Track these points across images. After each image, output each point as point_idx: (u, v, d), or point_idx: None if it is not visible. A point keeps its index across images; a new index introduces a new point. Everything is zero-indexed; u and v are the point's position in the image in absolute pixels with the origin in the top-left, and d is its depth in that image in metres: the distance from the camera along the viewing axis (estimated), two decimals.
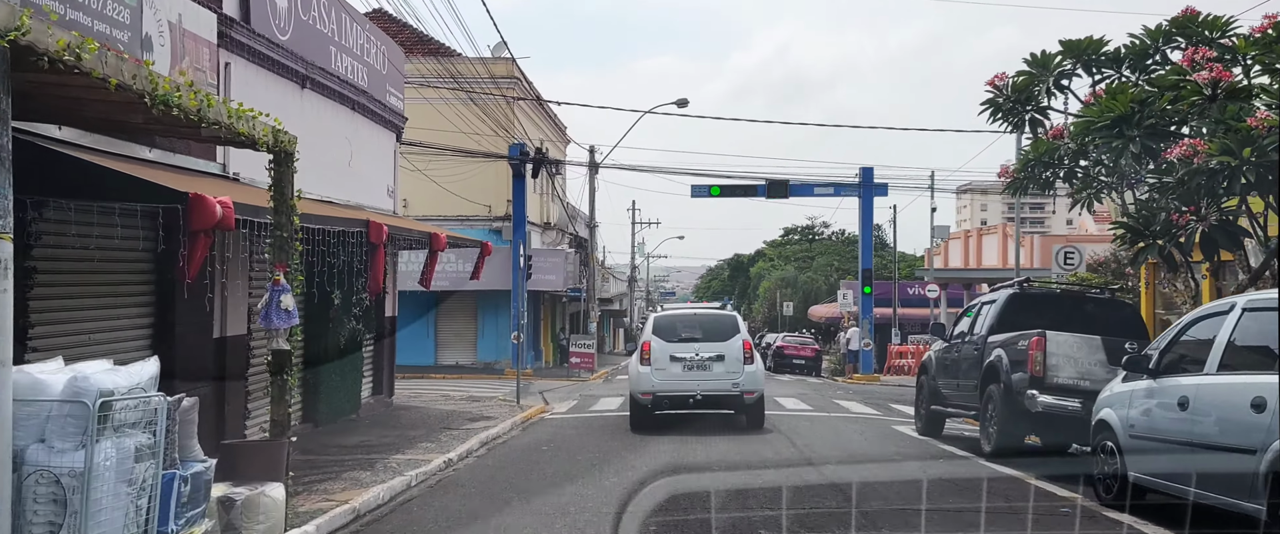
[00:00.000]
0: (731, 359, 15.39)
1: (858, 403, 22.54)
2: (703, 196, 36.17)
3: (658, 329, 15.97)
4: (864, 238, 35.44)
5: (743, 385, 15.38)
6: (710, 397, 15.44)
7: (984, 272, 39.27)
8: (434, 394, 23.65)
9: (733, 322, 16.31)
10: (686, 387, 15.39)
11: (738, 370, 15.39)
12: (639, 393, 15.64)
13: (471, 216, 34.77)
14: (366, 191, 17.56)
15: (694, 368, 15.37)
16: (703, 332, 15.79)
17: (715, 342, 15.53)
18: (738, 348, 15.51)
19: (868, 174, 35.33)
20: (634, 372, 15.97)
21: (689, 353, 15.43)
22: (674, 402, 15.66)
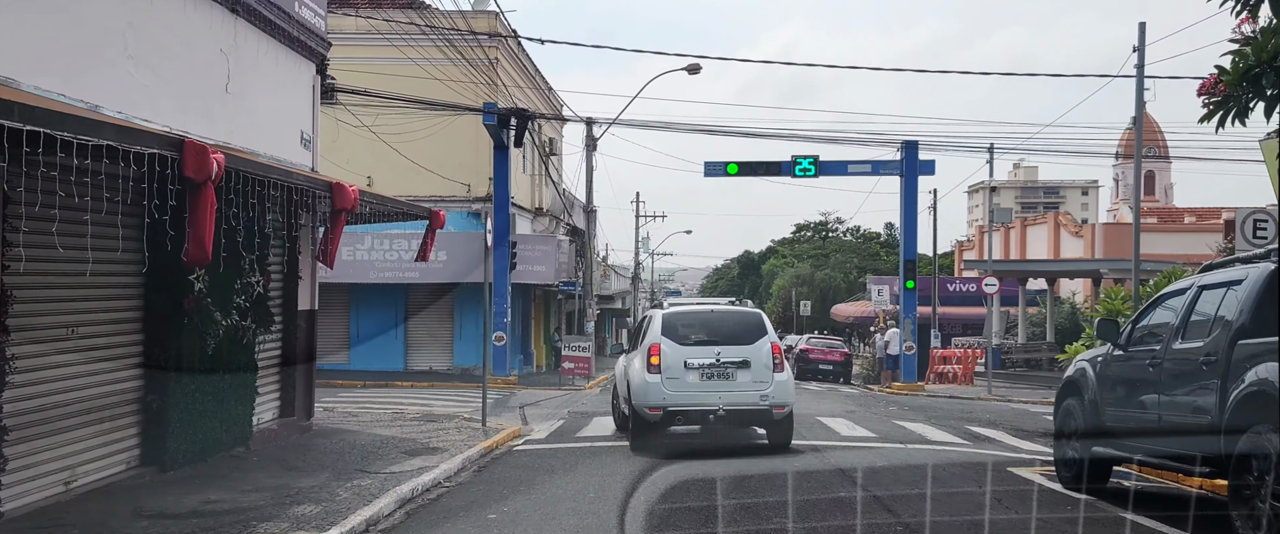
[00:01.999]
0: (758, 366, 12.79)
1: (925, 424, 17.49)
2: (717, 175, 31.16)
3: (668, 329, 13.08)
4: (907, 222, 30.38)
5: (773, 398, 12.76)
6: (734, 411, 12.74)
7: (1058, 263, 34.12)
8: (382, 411, 18.64)
9: (758, 320, 13.53)
10: (706, 400, 12.72)
11: (766, 380, 12.78)
12: (646, 407, 12.79)
13: (448, 197, 29.74)
14: (260, 133, 12.51)
15: (714, 376, 12.74)
16: (722, 333, 13.17)
17: (738, 345, 12.92)
18: (765, 352, 12.92)
19: (912, 150, 30.27)
20: (638, 380, 13.00)
21: (707, 358, 12.79)
22: (689, 418, 13.10)
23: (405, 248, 28.66)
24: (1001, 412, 21.45)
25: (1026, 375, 31.19)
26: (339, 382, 26.62)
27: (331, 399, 21.68)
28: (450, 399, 22.13)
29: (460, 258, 28.61)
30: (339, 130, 28.10)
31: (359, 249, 28.47)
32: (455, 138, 29.80)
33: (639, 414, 12.92)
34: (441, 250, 28.72)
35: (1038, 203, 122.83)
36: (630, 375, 13.34)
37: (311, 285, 14.82)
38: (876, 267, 74.58)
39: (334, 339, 30.21)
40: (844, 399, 24.29)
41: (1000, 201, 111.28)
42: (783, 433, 13.21)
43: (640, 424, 13.01)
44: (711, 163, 31.22)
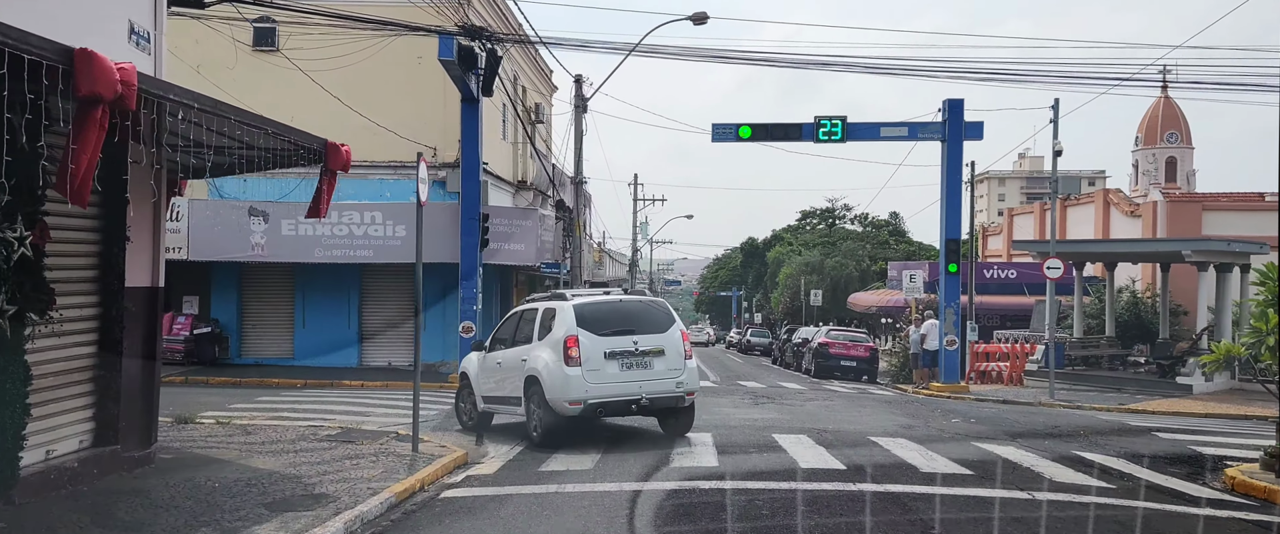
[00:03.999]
0: (672, 354, 12.84)
1: (1016, 447, 13.00)
2: (728, 140, 26.61)
3: (584, 320, 12.70)
4: (949, 193, 25.82)
5: (686, 385, 12.91)
6: (655, 400, 12.69)
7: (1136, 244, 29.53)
8: (293, 426, 14.14)
9: (666, 310, 13.49)
10: (627, 390, 12.55)
11: (680, 368, 12.86)
12: (565, 401, 12.37)
13: (408, 163, 25.12)
14: (46, 15, 7.93)
15: (633, 366, 12.62)
16: (636, 322, 12.97)
17: (653, 334, 12.84)
18: (677, 340, 13.01)
19: (956, 109, 25.71)
20: (553, 375, 12.47)
21: (626, 347, 12.62)
22: (610, 410, 12.72)
23: (358, 221, 24.13)
24: (1090, 425, 16.95)
25: (1086, 375, 26.66)
26: (276, 380, 22.16)
27: (243, 404, 17.21)
28: (398, 405, 17.62)
29: (426, 233, 23.94)
30: (281, 84, 23.56)
31: (302, 222, 23.92)
32: (420, 93, 25.28)
33: (553, 410, 12.31)
34: (400, 223, 24.23)
35: (1043, 193, 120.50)
36: (538, 370, 12.56)
37: (154, 251, 10.26)
38: (887, 255, 70.14)
39: (276, 329, 25.74)
40: (886, 407, 19.77)
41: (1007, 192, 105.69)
42: (686, 423, 13.26)
43: (554, 422, 12.37)
44: (720, 125, 26.66)
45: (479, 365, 14.47)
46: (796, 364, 36.46)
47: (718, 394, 21.76)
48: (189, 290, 25.40)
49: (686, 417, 13.19)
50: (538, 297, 14.68)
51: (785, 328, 48.39)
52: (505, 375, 13.59)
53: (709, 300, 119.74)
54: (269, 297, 25.82)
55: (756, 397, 20.93)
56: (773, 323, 69.97)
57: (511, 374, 13.32)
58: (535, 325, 13.18)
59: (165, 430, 12.91)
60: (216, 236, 23.76)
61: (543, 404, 12.38)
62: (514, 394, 13.20)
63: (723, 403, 19.06)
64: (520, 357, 13.17)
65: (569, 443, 12.51)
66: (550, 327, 12.80)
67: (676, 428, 13.19)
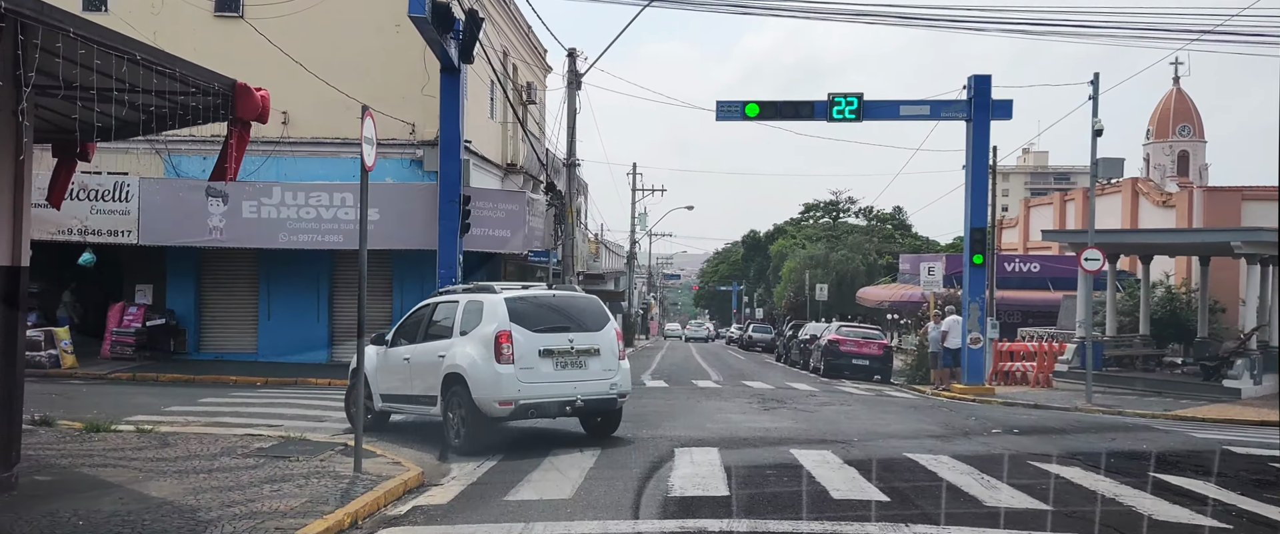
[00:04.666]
0: (607, 354, 12.07)
1: (1079, 469, 10.91)
2: (733, 119, 24.52)
3: (517, 315, 11.70)
4: (975, 178, 23.71)
5: (620, 387, 12.15)
6: (590, 402, 11.87)
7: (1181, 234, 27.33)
8: (225, 433, 12.03)
9: (601, 307, 12.66)
10: (562, 391, 11.68)
11: (614, 368, 12.10)
12: (495, 401, 11.31)
13: (386, 139, 22.93)
14: None
15: (568, 365, 11.78)
16: (572, 319, 12.13)
17: (589, 332, 12.04)
18: (612, 339, 12.23)
19: (982, 86, 23.57)
20: (482, 372, 11.40)
21: (562, 345, 11.76)
22: (542, 411, 11.76)
23: (326, 203, 21.96)
24: (1149, 436, 14.82)
25: (1120, 377, 24.52)
26: (234, 378, 20.03)
27: (181, 406, 15.13)
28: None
29: (399, 217, 21.95)
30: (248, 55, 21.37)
31: (265, 203, 21.76)
32: (398, 65, 23.06)
33: (480, 411, 11.40)
34: (374, 206, 22.01)
35: (1048, 188, 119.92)
36: (462, 368, 11.61)
37: (13, 221, 8.08)
38: (892, 249, 68.07)
39: (238, 322, 23.59)
40: (912, 413, 17.63)
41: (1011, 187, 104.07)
42: (614, 424, 12.67)
43: (479, 424, 11.46)
44: (726, 103, 24.56)
45: (379, 361, 13.25)
46: (803, 362, 34.32)
47: (721, 397, 19.62)
48: (141, 278, 23.26)
49: (614, 419, 12.59)
50: (455, 288, 13.44)
51: (790, 324, 46.22)
52: (415, 373, 12.51)
53: (708, 295, 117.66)
54: (230, 286, 23.65)
55: (764, 400, 18.79)
56: (775, 318, 67.83)
57: (424, 372, 12.23)
58: (455, 319, 12.12)
59: (66, 442, 10.82)
60: (170, 219, 21.61)
61: (467, 404, 11.38)
62: (426, 393, 12.19)
63: (728, 408, 16.93)
64: (436, 353, 12.11)
65: (532, 453, 10.39)
66: (477, 321, 11.77)
67: (602, 430, 12.50)
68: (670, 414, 15.57)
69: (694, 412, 16.13)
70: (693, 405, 17.32)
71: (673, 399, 18.53)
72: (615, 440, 12.29)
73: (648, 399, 18.44)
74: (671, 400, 18.26)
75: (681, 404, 17.51)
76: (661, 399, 18.49)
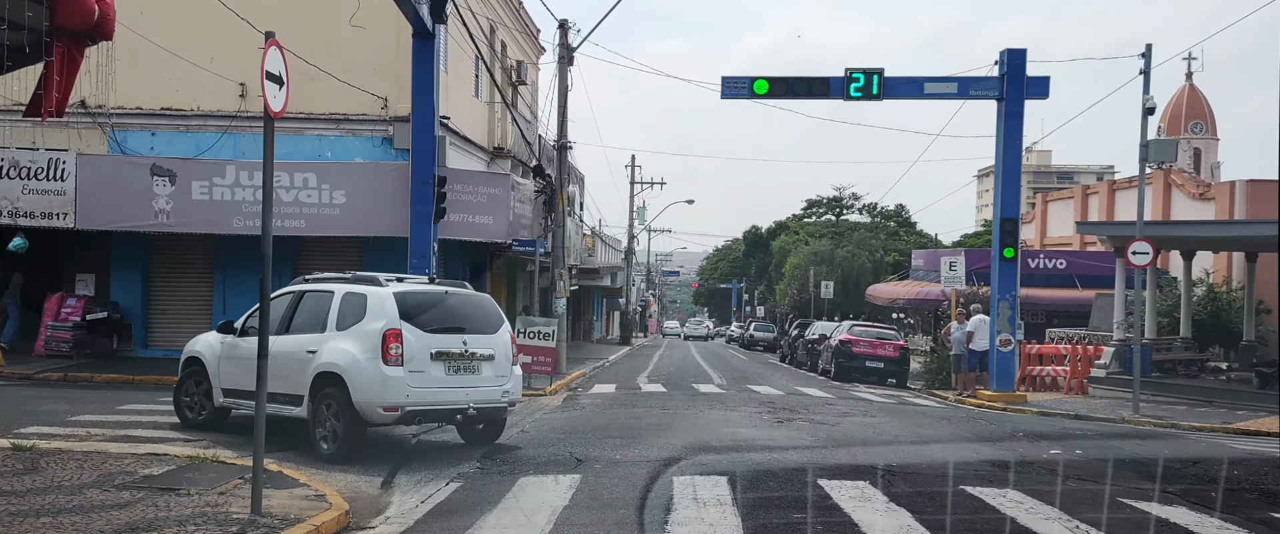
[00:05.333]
0: (501, 358, 11.22)
1: (1185, 509, 8.73)
2: (740, 97, 22.25)
3: (407, 312, 10.64)
4: (1007, 164, 21.46)
5: (512, 394, 11.41)
6: (481, 410, 10.97)
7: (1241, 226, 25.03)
8: (115, 452, 9.90)
9: (496, 308, 11.77)
10: (453, 397, 10.75)
11: (506, 374, 11.28)
12: (380, 406, 10.25)
13: (355, 115, 20.80)
14: None
15: (461, 370, 10.84)
16: (466, 319, 11.17)
17: (483, 334, 11.15)
18: (506, 343, 11.37)
19: (1016, 61, 21.32)
20: (366, 374, 10.28)
21: (456, 348, 10.80)
22: (431, 418, 10.92)
23: (287, 184, 19.69)
24: (1247, 463, 12.56)
25: (1161, 383, 22.28)
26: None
27: (94, 415, 12.94)
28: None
29: (369, 200, 19.71)
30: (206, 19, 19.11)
31: (217, 184, 19.50)
32: (369, 34, 20.77)
33: (362, 416, 10.29)
34: (339, 188, 19.80)
35: (1051, 188, 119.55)
36: (340, 367, 10.45)
37: None
38: (897, 246, 65.98)
39: (190, 316, 21.27)
40: (946, 426, 15.37)
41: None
42: (497, 432, 11.82)
43: (356, 427, 10.33)
44: (732, 78, 22.25)
45: (224, 351, 12.11)
46: (810, 363, 32.08)
47: (727, 404, 17.36)
48: (82, 267, 21.01)
49: (499, 427, 11.81)
50: (328, 277, 12.04)
51: (796, 323, 43.97)
52: (276, 369, 10.81)
53: (708, 292, 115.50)
54: (182, 276, 21.38)
55: (776, 409, 16.53)
56: (778, 317, 65.65)
57: (288, 368, 10.98)
58: (331, 312, 10.91)
59: None
60: (111, 200, 19.34)
61: (345, 408, 10.27)
62: (289, 391, 11.00)
63: (735, 420, 14.66)
64: (304, 348, 10.95)
65: (487, 478, 8.15)
66: (359, 316, 10.64)
67: (483, 438, 11.65)
68: (668, 427, 13.31)
69: (696, 424, 13.88)
70: (694, 416, 15.07)
71: (671, 408, 16.28)
72: (597, 464, 10.05)
73: (642, 407, 16.19)
74: (670, 409, 16.00)
75: (681, 414, 15.27)
76: (659, 407, 16.23)
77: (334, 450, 10.25)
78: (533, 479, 9.08)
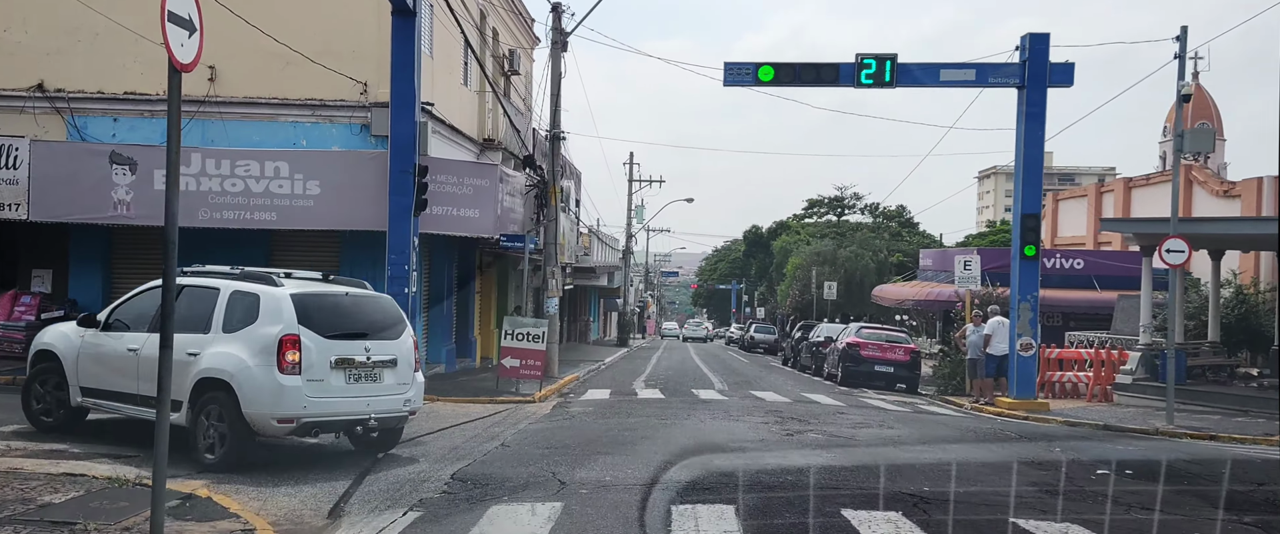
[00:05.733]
0: (403, 365, 10.46)
1: None
2: (744, 84, 20.94)
3: (306, 315, 9.76)
4: (1028, 155, 20.13)
5: (414, 403, 10.69)
6: (382, 420, 10.23)
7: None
8: (38, 466, 8.47)
9: (398, 310, 10.97)
10: (354, 407, 9.93)
11: (408, 381, 10.53)
12: (272, 417, 9.43)
13: (333, 101, 19.41)
14: None
15: (363, 378, 10.02)
16: (368, 323, 10.44)
17: (386, 339, 10.39)
18: (409, 348, 10.61)
19: (1039, 46, 19.99)
20: (259, 382, 9.43)
21: (358, 354, 9.97)
22: (328, 429, 10.05)
23: (257, 174, 18.31)
24: None
25: (1193, 391, 20.92)
26: None
27: (17, 426, 11.47)
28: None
29: (348, 191, 18.35)
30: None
31: (183, 172, 18.08)
32: (349, 13, 19.44)
33: (252, 427, 9.41)
34: (313, 178, 18.43)
35: (1050, 189, 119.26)
36: (228, 373, 9.48)
37: None
38: (900, 247, 64.69)
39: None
40: (973, 439, 14.02)
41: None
42: (393, 441, 10.98)
43: (245, 438, 9.44)
44: (735, 65, 20.92)
45: (84, 347, 11.00)
46: (815, 367, 30.72)
47: (729, 413, 16.00)
48: (39, 261, 19.62)
49: (395, 436, 11.06)
50: (211, 271, 10.91)
51: (799, 324, 42.61)
52: (146, 370, 10.09)
53: (707, 293, 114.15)
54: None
55: (784, 419, 15.16)
56: (779, 318, 64.33)
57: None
58: (216, 311, 9.96)
59: None
60: (68, 191, 17.98)
61: (234, 417, 9.44)
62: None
63: (741, 431, 13.29)
64: (183, 349, 9.58)
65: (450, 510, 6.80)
66: (249, 317, 9.77)
67: (378, 446, 10.86)
68: (665, 441, 11.95)
69: (697, 438, 12.53)
70: (695, 427, 13.71)
71: (670, 417, 14.91)
72: (583, 488, 8.71)
73: (638, 416, 14.83)
74: (668, 418, 14.65)
75: (680, 425, 13.91)
76: (656, 416, 14.86)
77: (218, 459, 9.40)
78: (506, 508, 7.73)
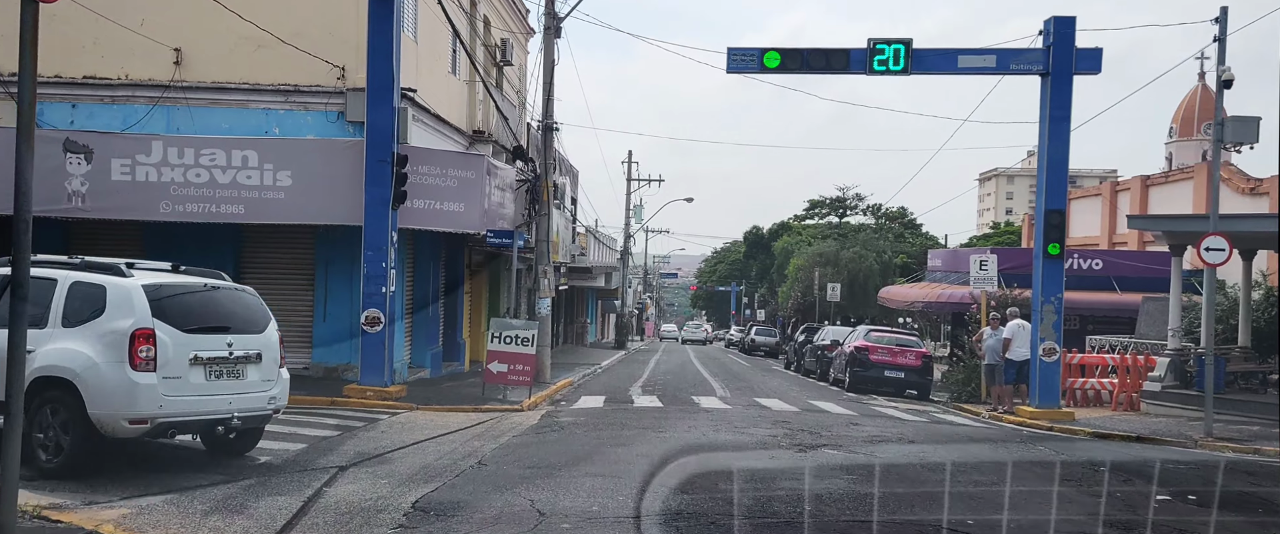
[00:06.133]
0: (268, 361, 9.99)
1: None
2: (748, 71, 19.65)
3: (160, 308, 9.17)
4: (1052, 147, 18.81)
5: (279, 400, 10.16)
6: (248, 419, 9.77)
7: None
8: None
9: (261, 302, 10.43)
10: (215, 406, 9.40)
11: (273, 378, 10.06)
12: (123, 418, 8.83)
13: (308, 86, 18.07)
14: None
15: (224, 375, 9.48)
16: (230, 317, 9.84)
17: (249, 334, 9.87)
18: (275, 343, 10.14)
19: (1064, 30, 18.67)
20: (110, 380, 8.80)
21: (219, 350, 9.42)
22: (186, 429, 9.48)
23: (223, 163, 16.99)
24: None
25: (1223, 399, 19.53)
26: None
27: None
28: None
29: (323, 182, 17.04)
30: None
31: (142, 162, 16.81)
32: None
33: (99, 429, 8.76)
34: (284, 168, 17.09)
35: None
36: (72, 370, 8.83)
37: None
38: (904, 248, 63.39)
39: None
40: (1006, 456, 12.68)
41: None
42: (252, 441, 10.39)
43: (90, 441, 8.77)
44: (739, 50, 19.62)
45: None
46: (820, 372, 29.39)
47: (733, 424, 14.65)
48: None
49: (255, 436, 10.44)
50: (45, 260, 9.57)
51: (803, 327, 41.29)
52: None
53: (706, 295, 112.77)
54: None
55: (794, 431, 13.80)
56: (781, 320, 63.03)
57: None
58: (53, 304, 9.20)
59: None
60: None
61: (78, 418, 8.80)
62: None
63: (746, 446, 11.96)
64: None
65: None
66: (95, 311, 9.13)
67: (235, 448, 10.25)
68: (664, 458, 10.59)
69: (698, 454, 11.21)
70: (697, 441, 12.38)
71: (668, 430, 13.56)
72: (565, 523, 7.38)
73: (634, 428, 13.49)
74: (667, 432, 13.29)
75: (680, 439, 12.58)
76: (653, 430, 13.50)
77: (58, 464, 8.72)
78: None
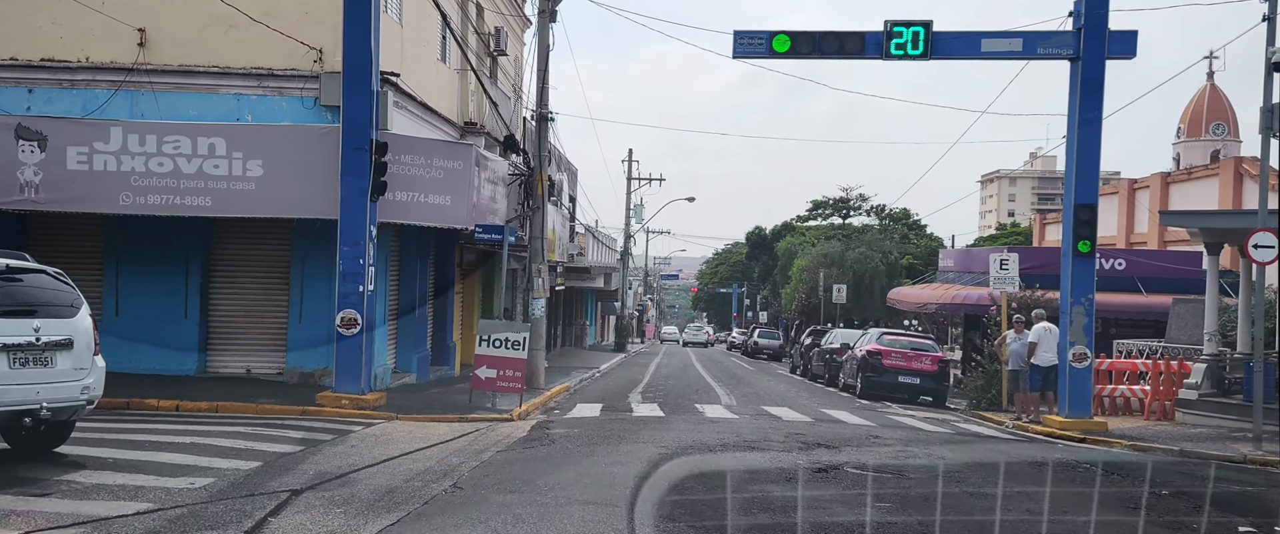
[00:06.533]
0: (81, 347, 9.46)
1: None
2: (756, 55, 18.35)
3: None
4: (1083, 137, 17.51)
5: (93, 390, 9.64)
6: (55, 410, 9.13)
7: None
8: None
9: (71, 285, 9.78)
10: (22, 396, 8.83)
11: (87, 366, 9.54)
12: None
13: (282, 70, 16.75)
14: None
15: (30, 363, 8.98)
16: (34, 301, 9.27)
17: (58, 318, 9.32)
18: (87, 328, 9.62)
19: (1096, 11, 17.37)
20: None
21: (24, 336, 8.91)
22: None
23: (189, 151, 15.70)
24: None
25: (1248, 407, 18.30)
26: None
27: None
28: (183, 458, 9.39)
29: (292, 172, 15.74)
30: None
31: (100, 150, 15.50)
32: None
33: None
34: (255, 157, 15.79)
35: (1056, 194, 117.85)
36: None
37: None
38: (909, 250, 62.10)
39: None
40: (1047, 475, 11.38)
41: None
42: (62, 437, 9.74)
43: None
44: (746, 33, 18.30)
45: None
46: (828, 376, 28.10)
47: (743, 436, 13.34)
48: None
49: (65, 430, 9.80)
50: None
51: (809, 329, 40.00)
52: None
53: (708, 297, 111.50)
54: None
55: (809, 446, 12.49)
56: (784, 323, 61.74)
57: None
58: None
59: None
60: None
61: None
62: None
63: (760, 466, 10.63)
64: None
65: None
66: None
67: (42, 443, 9.60)
68: (664, 483, 9.27)
69: (704, 477, 9.90)
70: (702, 460, 11.07)
71: (670, 445, 12.22)
72: None
73: (631, 443, 12.18)
74: (668, 447, 11.96)
75: (685, 456, 11.27)
76: (653, 444, 12.16)
77: None
78: None
